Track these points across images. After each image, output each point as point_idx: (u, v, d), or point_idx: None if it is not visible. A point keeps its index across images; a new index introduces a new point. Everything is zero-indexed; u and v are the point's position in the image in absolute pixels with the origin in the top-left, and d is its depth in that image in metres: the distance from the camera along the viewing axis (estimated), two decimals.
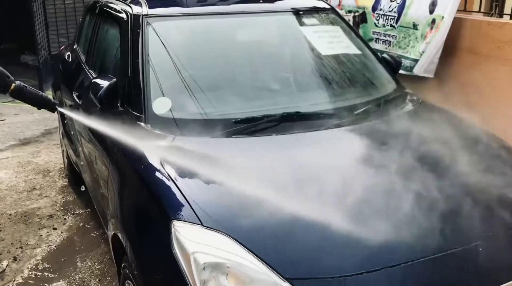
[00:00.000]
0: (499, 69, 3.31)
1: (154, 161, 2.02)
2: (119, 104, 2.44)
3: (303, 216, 1.69)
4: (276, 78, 2.56)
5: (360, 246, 1.61)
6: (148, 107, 2.28)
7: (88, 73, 3.21)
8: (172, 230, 1.69)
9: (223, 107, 2.34)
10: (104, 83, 2.40)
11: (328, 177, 1.88)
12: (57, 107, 3.10)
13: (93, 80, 2.50)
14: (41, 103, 3.03)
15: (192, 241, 1.65)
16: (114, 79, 2.44)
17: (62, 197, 4.16)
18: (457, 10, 3.59)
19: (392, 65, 2.98)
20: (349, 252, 1.61)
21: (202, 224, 1.68)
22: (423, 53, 3.74)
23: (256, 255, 1.57)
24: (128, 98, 2.41)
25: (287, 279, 1.51)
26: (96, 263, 3.20)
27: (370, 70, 2.81)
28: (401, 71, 3.84)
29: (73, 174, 4.17)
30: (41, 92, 3.05)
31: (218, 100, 2.36)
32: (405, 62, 3.95)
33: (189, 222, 1.70)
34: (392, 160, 2.01)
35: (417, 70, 3.82)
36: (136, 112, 2.32)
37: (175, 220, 1.71)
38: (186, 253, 1.62)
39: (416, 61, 3.83)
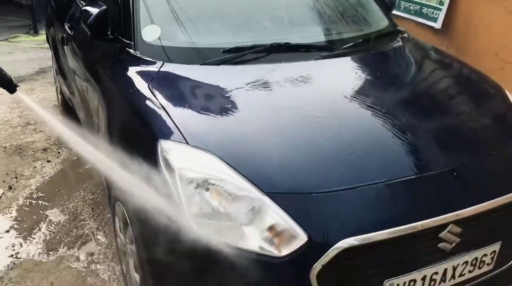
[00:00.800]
0: (494, 12, 3.31)
1: (142, 85, 2.05)
2: (109, 32, 2.44)
3: (285, 136, 1.75)
4: (267, 10, 2.55)
5: (338, 164, 1.68)
6: (138, 34, 2.29)
7: (79, 4, 3.18)
8: (159, 149, 1.74)
9: (213, 36, 2.35)
10: (94, 11, 2.40)
11: (311, 101, 1.93)
12: (17, 90, 2.86)
13: (83, 8, 2.48)
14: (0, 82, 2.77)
15: (178, 158, 1.70)
16: (104, 7, 2.43)
17: None
18: None
19: (387, 3, 2.96)
20: (327, 170, 1.67)
21: (187, 143, 1.73)
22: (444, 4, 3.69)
23: (238, 172, 1.63)
24: (118, 26, 2.41)
25: (266, 194, 1.58)
26: (89, 194, 3.29)
27: (362, 6, 2.80)
28: (420, 20, 3.82)
29: (66, 110, 4.20)
30: (4, 71, 2.79)
31: (208, 30, 2.36)
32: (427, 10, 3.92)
33: (175, 141, 1.75)
34: (375, 87, 2.05)
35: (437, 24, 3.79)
36: (126, 39, 2.33)
37: (162, 140, 1.76)
38: (173, 170, 1.69)
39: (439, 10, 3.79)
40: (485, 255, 1.82)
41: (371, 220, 1.59)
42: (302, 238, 1.55)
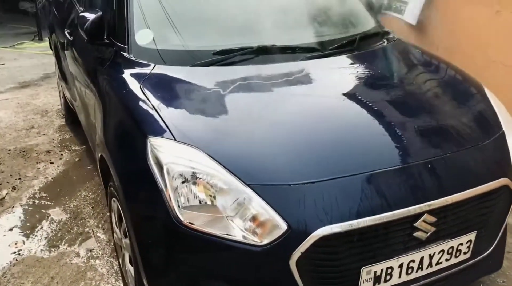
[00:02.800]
0: (479, 11, 3.39)
1: (134, 86, 2.16)
2: (105, 37, 2.55)
3: (267, 131, 1.85)
4: (255, 13, 2.64)
5: (317, 157, 1.78)
6: (132, 38, 2.40)
7: (79, 10, 3.30)
8: (148, 145, 1.85)
9: (203, 39, 2.45)
10: (91, 16, 2.51)
11: (294, 98, 2.03)
12: None
13: (80, 14, 2.60)
14: None
15: (166, 154, 1.80)
16: (100, 12, 2.54)
17: (59, 135, 4.34)
18: None
19: (374, 4, 3.05)
20: (307, 162, 1.76)
21: (175, 140, 1.83)
22: None
23: (225, 167, 1.72)
24: (113, 30, 2.52)
25: (248, 185, 1.67)
26: (90, 193, 3.40)
27: (348, 7, 2.89)
28: (392, 13, 3.93)
29: (69, 114, 4.33)
30: None
31: (198, 33, 2.47)
32: (404, 6, 4.02)
33: (164, 138, 1.85)
34: (357, 85, 2.15)
35: (406, 16, 3.89)
36: (120, 43, 2.44)
37: (151, 137, 1.86)
38: (161, 164, 1.78)
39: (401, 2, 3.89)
40: (461, 244, 1.90)
41: (348, 210, 1.68)
42: (282, 227, 1.64)
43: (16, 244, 2.85)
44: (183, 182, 1.74)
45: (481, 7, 3.35)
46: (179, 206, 1.72)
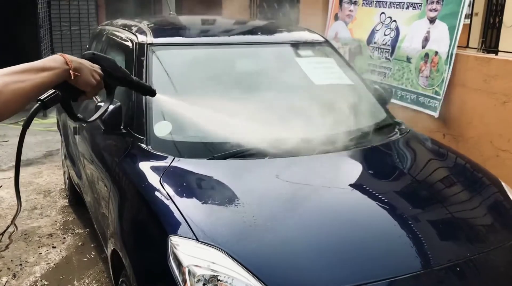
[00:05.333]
0: (486, 102, 3.48)
1: (153, 180, 2.14)
2: (122, 127, 2.57)
3: (293, 231, 1.82)
4: (270, 105, 2.69)
5: (343, 262, 1.73)
6: (150, 130, 2.42)
7: (94, 98, 3.35)
8: (169, 244, 1.80)
9: (221, 132, 2.47)
10: (109, 107, 2.54)
11: (318, 197, 2.01)
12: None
13: (98, 103, 2.63)
14: None
15: (188, 255, 1.76)
16: (119, 103, 2.58)
17: (62, 217, 4.26)
18: None
19: (383, 96, 3.12)
20: (336, 267, 1.72)
21: (197, 240, 1.79)
22: (441, 94, 3.87)
23: (247, 269, 1.68)
24: (131, 121, 2.55)
25: None
26: (94, 281, 3.28)
27: (360, 100, 2.95)
28: (400, 102, 4.03)
29: (74, 195, 4.28)
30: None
31: (214, 125, 2.49)
32: (409, 95, 4.14)
33: (185, 237, 1.81)
34: (379, 182, 2.14)
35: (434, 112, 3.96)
36: (138, 134, 2.45)
37: (172, 235, 1.82)
38: (182, 266, 1.73)
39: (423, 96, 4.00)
40: None
41: None
42: None
43: None
44: (204, 285, 1.68)
45: (488, 99, 3.45)
46: None
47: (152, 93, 2.00)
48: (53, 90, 1.49)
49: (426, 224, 2.00)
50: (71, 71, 1.44)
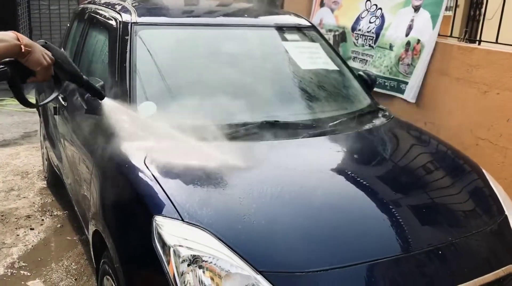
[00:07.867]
0: (467, 91, 3.52)
1: (137, 160, 2.11)
2: None
3: (277, 215, 1.82)
4: (257, 89, 2.68)
5: (329, 243, 1.74)
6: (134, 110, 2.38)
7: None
8: (154, 225, 1.78)
9: (206, 113, 2.45)
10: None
11: (303, 180, 2.02)
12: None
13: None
14: None
15: (172, 235, 1.74)
16: (102, 83, 2.52)
17: (40, 199, 4.19)
18: None
19: (367, 82, 3.13)
20: (318, 248, 1.72)
21: (182, 220, 1.78)
22: (410, 78, 3.92)
23: (232, 249, 1.67)
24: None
25: (260, 272, 1.62)
26: (73, 263, 3.24)
27: (345, 86, 2.96)
28: (379, 90, 4.06)
29: (52, 176, 4.21)
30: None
31: (200, 106, 2.46)
32: (388, 82, 4.17)
33: (170, 217, 1.80)
34: (363, 167, 2.16)
35: (406, 95, 4.00)
36: None
37: (156, 216, 1.81)
38: (166, 246, 1.72)
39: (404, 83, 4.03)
40: None
41: None
42: None
43: None
44: (189, 265, 1.68)
45: (469, 88, 3.49)
46: None
47: (101, 96, 2.03)
48: (2, 65, 1.50)
49: (407, 209, 2.02)
50: (22, 46, 1.47)
